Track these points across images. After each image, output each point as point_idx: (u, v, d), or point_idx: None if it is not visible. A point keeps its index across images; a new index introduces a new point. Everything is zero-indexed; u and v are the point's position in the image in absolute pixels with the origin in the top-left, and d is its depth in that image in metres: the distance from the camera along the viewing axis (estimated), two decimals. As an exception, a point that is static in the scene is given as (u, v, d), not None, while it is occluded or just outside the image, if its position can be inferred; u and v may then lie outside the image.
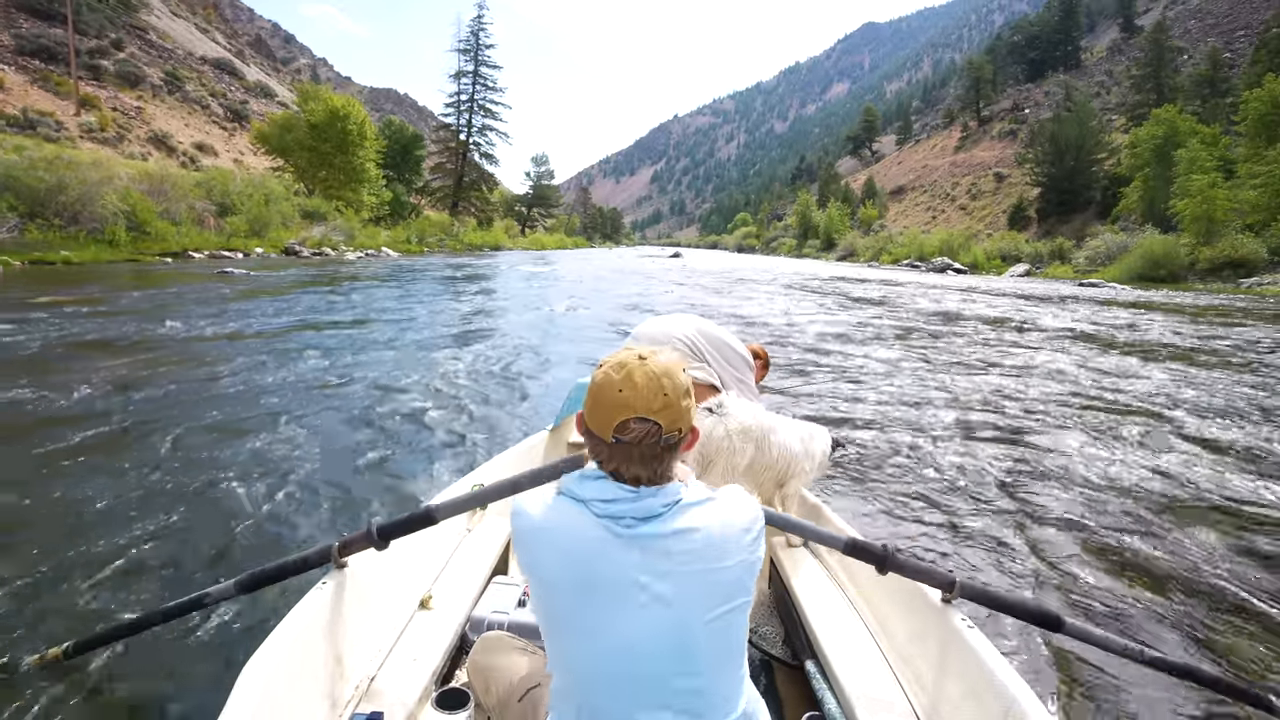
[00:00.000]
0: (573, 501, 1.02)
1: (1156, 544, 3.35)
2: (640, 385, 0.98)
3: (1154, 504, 3.88)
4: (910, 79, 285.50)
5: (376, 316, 10.72)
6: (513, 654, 1.41)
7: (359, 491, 3.67)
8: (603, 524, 0.98)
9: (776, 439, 2.38)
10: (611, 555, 0.97)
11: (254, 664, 1.26)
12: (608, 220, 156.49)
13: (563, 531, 1.00)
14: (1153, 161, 38.46)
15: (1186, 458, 4.76)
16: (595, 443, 1.02)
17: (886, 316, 14.17)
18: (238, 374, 6.14)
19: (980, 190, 69.05)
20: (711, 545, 0.99)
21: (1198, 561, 3.17)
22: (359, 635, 1.61)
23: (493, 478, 2.51)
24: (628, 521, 0.98)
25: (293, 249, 26.40)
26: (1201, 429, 5.53)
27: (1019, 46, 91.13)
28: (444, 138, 62.09)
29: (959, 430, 5.36)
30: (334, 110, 36.93)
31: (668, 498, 1.00)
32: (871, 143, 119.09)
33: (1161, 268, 30.11)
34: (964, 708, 1.44)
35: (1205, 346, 10.45)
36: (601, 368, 1.02)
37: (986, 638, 1.47)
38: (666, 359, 1.02)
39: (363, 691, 1.51)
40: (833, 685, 1.64)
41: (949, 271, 42.33)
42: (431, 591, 1.89)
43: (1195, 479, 4.30)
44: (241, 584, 1.57)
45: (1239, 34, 65.84)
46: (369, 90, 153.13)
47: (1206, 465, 4.59)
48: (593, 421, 1.01)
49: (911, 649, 1.70)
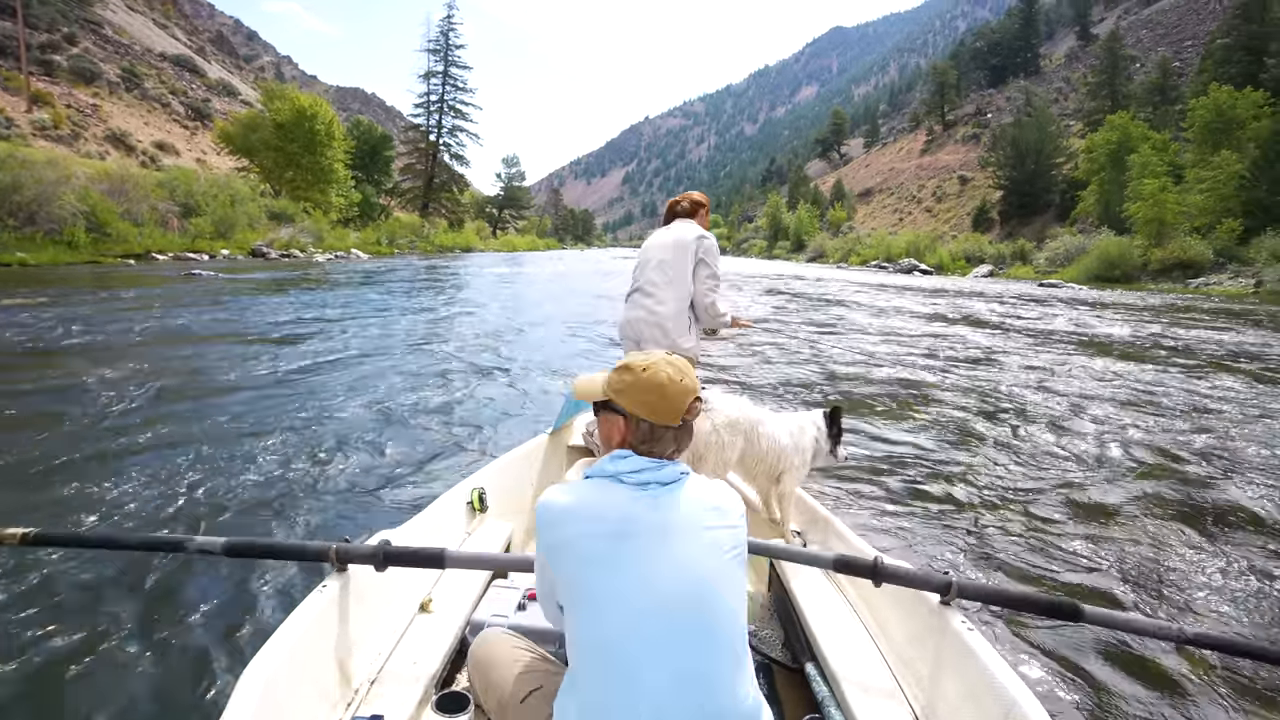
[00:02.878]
0: (604, 478, 1.19)
1: (1132, 515, 3.59)
2: (687, 374, 1.23)
3: (1126, 477, 4.14)
4: (877, 83, 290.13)
5: (353, 319, 10.65)
6: (513, 653, 1.43)
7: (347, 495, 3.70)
8: (633, 491, 1.16)
9: (765, 430, 2.46)
10: (637, 506, 1.15)
11: (255, 666, 1.27)
12: (579, 222, 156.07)
13: (595, 501, 1.16)
14: (1108, 166, 39.84)
15: (1128, 437, 5.06)
16: (662, 431, 1.22)
17: (861, 315, 14.53)
18: (206, 377, 6.10)
19: (945, 193, 70.62)
20: (721, 507, 1.20)
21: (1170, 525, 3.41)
22: (359, 638, 1.62)
23: (493, 480, 2.57)
24: (654, 488, 1.17)
25: (260, 251, 25.89)
26: (1152, 422, 5.87)
27: (981, 52, 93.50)
28: (414, 138, 61.35)
29: (941, 423, 5.60)
30: (301, 109, 36.26)
31: (680, 468, 1.21)
32: (840, 145, 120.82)
33: (1116, 268, 31.26)
34: (963, 709, 1.45)
35: (1162, 344, 10.97)
36: (647, 370, 1.21)
37: (985, 639, 1.49)
38: (666, 356, 1.26)
39: (363, 694, 1.52)
40: (833, 688, 1.66)
41: (916, 272, 43.22)
42: (431, 595, 1.91)
43: (1138, 454, 4.59)
44: (232, 547, 1.60)
45: (1187, 44, 68.50)
46: (335, 89, 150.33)
47: (1145, 445, 4.89)
48: (661, 414, 1.20)
49: (911, 651, 1.71)
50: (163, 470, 3.79)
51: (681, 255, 2.87)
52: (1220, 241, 29.00)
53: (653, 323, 2.82)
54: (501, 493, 2.58)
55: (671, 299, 2.84)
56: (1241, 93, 34.16)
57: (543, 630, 1.72)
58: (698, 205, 3.05)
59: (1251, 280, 25.30)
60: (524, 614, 1.89)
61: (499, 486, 2.58)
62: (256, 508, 3.38)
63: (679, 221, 3.03)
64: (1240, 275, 26.66)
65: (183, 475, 3.73)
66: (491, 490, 2.50)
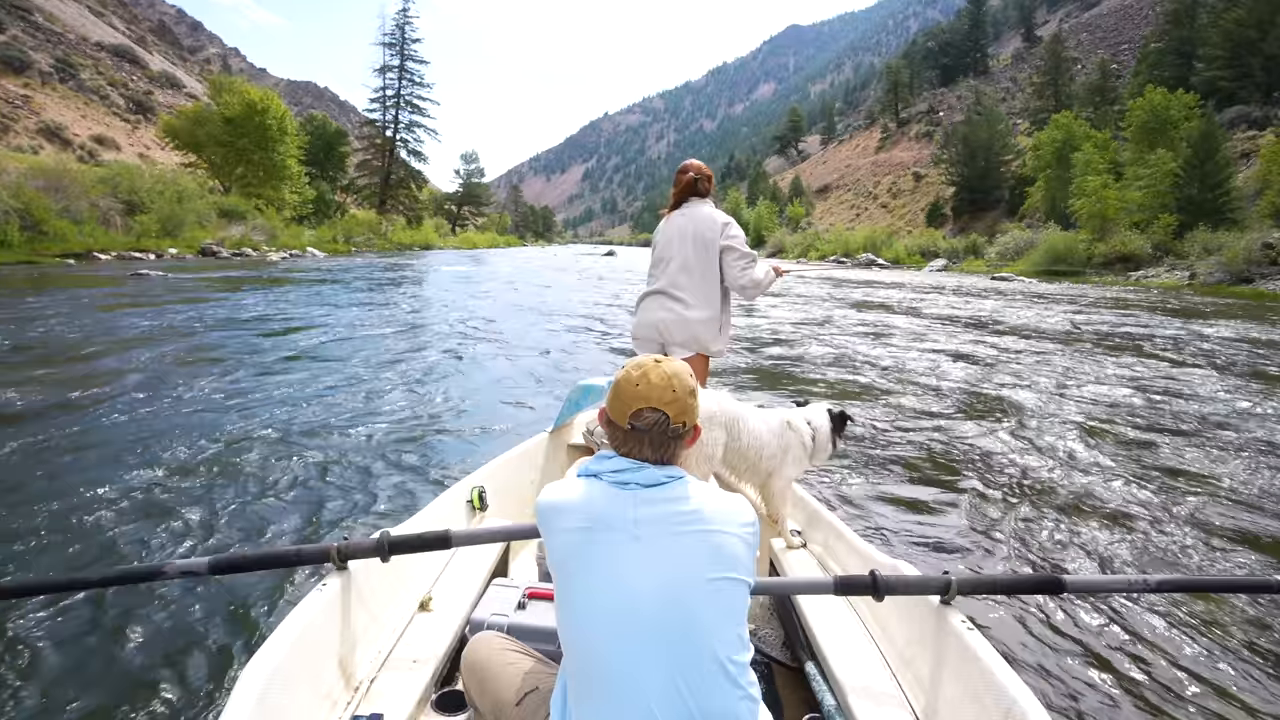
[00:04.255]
0: (588, 477, 1.18)
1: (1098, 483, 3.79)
2: (654, 381, 1.16)
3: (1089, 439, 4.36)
4: (833, 81, 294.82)
5: (321, 320, 10.40)
6: (506, 655, 1.42)
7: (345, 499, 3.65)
8: (611, 488, 1.15)
9: (747, 426, 2.44)
10: (613, 503, 1.12)
11: (254, 665, 1.27)
12: (539, 218, 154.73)
13: (578, 496, 1.16)
14: (1053, 163, 41.42)
15: (1081, 412, 5.33)
16: (614, 429, 1.19)
17: (830, 308, 14.81)
18: (168, 383, 5.91)
19: (900, 189, 72.33)
20: (708, 514, 1.13)
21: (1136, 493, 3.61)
22: (359, 637, 1.62)
23: (494, 478, 2.57)
24: (634, 487, 1.14)
25: (210, 249, 25.01)
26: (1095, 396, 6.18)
27: (933, 52, 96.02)
28: (369, 134, 60.00)
29: (904, 411, 5.78)
30: (251, 103, 35.08)
31: (671, 473, 1.16)
32: (797, 142, 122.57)
33: (1063, 262, 32.53)
34: (964, 709, 1.45)
35: (1112, 333, 11.50)
36: (625, 369, 1.20)
37: (986, 639, 1.50)
38: (677, 365, 1.21)
39: (362, 693, 1.52)
40: (833, 687, 1.66)
41: (874, 267, 44.19)
42: (431, 594, 1.90)
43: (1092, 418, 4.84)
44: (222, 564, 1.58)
45: (1124, 47, 71.61)
46: (286, 83, 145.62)
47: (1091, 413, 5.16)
48: (613, 411, 1.18)
49: (911, 650, 1.71)
50: (141, 491, 3.65)
51: (707, 254, 2.79)
52: (1157, 236, 30.43)
53: (683, 327, 2.79)
54: (501, 491, 2.58)
55: (703, 303, 2.79)
56: (1174, 95, 35.95)
57: (543, 629, 1.73)
58: (711, 180, 2.93)
59: (1186, 273, 26.63)
60: (524, 613, 1.87)
61: (499, 485, 2.57)
62: (249, 519, 3.28)
63: (694, 204, 2.87)
64: (1176, 268, 28.04)
65: (173, 491, 3.61)
66: (491, 489, 2.50)
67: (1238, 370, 8.16)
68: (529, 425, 5.09)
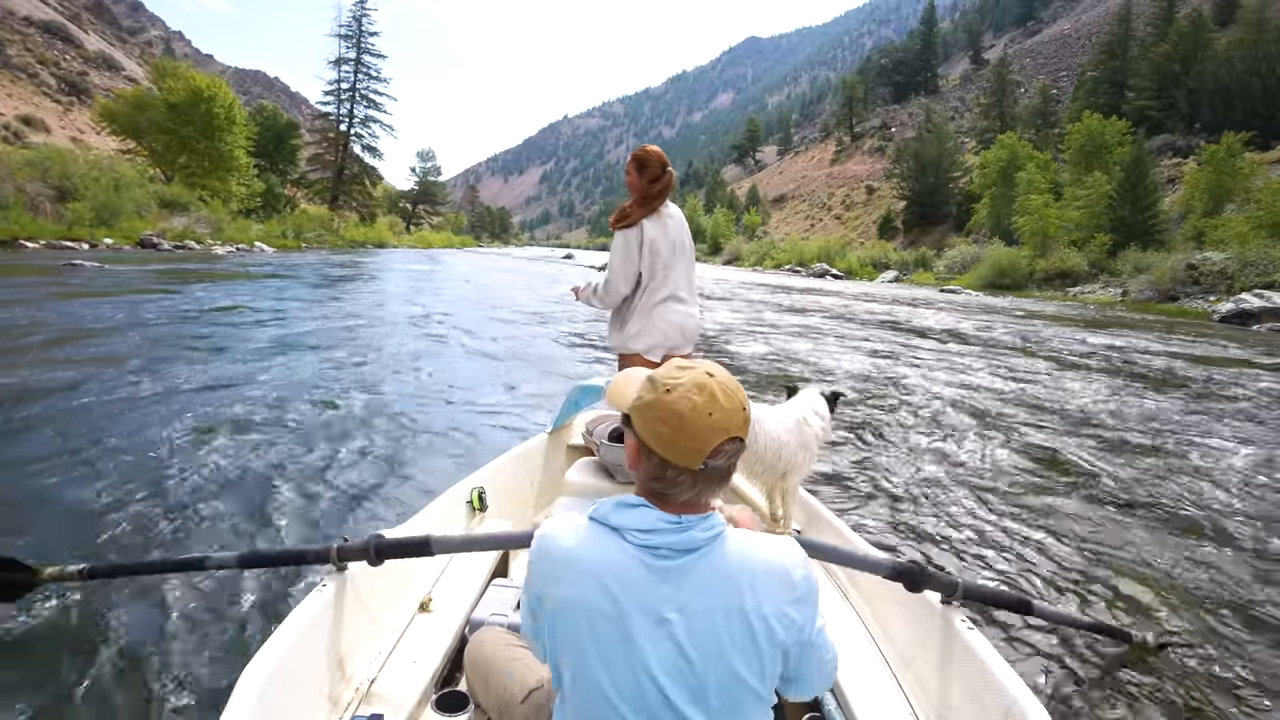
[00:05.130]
0: (605, 529, 0.97)
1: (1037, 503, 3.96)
2: (726, 405, 0.94)
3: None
4: (790, 93, 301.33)
5: (288, 317, 10.02)
6: (510, 650, 1.39)
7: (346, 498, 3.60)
8: (638, 555, 0.94)
9: (764, 429, 2.38)
10: (643, 588, 0.92)
11: (254, 666, 1.27)
12: (496, 220, 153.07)
13: (596, 560, 0.95)
14: (999, 181, 43.27)
15: (1019, 424, 5.58)
16: (676, 473, 0.95)
17: (788, 316, 15.08)
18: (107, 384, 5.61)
19: (853, 201, 74.37)
20: (752, 583, 0.94)
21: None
22: (359, 638, 1.63)
23: (492, 480, 2.55)
24: (665, 553, 0.94)
25: (151, 241, 23.82)
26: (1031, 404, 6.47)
27: (886, 69, 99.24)
28: (323, 127, 58.30)
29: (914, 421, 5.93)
30: (197, 90, 33.61)
31: (710, 529, 0.96)
32: (755, 152, 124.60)
33: (1007, 276, 34.01)
34: (964, 709, 1.45)
35: (1055, 348, 12.05)
36: (673, 392, 0.94)
37: (986, 639, 1.50)
38: (716, 369, 0.99)
39: (363, 694, 1.51)
40: (833, 687, 1.65)
41: (827, 277, 45.24)
42: (431, 594, 1.90)
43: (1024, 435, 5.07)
44: (243, 559, 1.68)
45: (1063, 74, 75.51)
46: (234, 71, 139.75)
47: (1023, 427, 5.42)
48: (677, 453, 0.93)
49: (912, 651, 1.72)
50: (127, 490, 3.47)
51: (691, 255, 2.88)
52: (1093, 254, 32.12)
53: (695, 327, 2.85)
54: (501, 492, 2.58)
55: (697, 305, 2.91)
56: (1109, 121, 38.10)
57: None
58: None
59: (1119, 290, 28.17)
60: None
61: (498, 486, 2.58)
62: (252, 518, 3.25)
63: (670, 204, 2.80)
64: (1110, 285, 29.64)
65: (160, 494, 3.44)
66: (491, 489, 2.50)
67: (1152, 380, 8.66)
68: (527, 425, 5.08)
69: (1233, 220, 28.16)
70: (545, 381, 7.02)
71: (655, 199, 2.70)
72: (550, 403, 5.92)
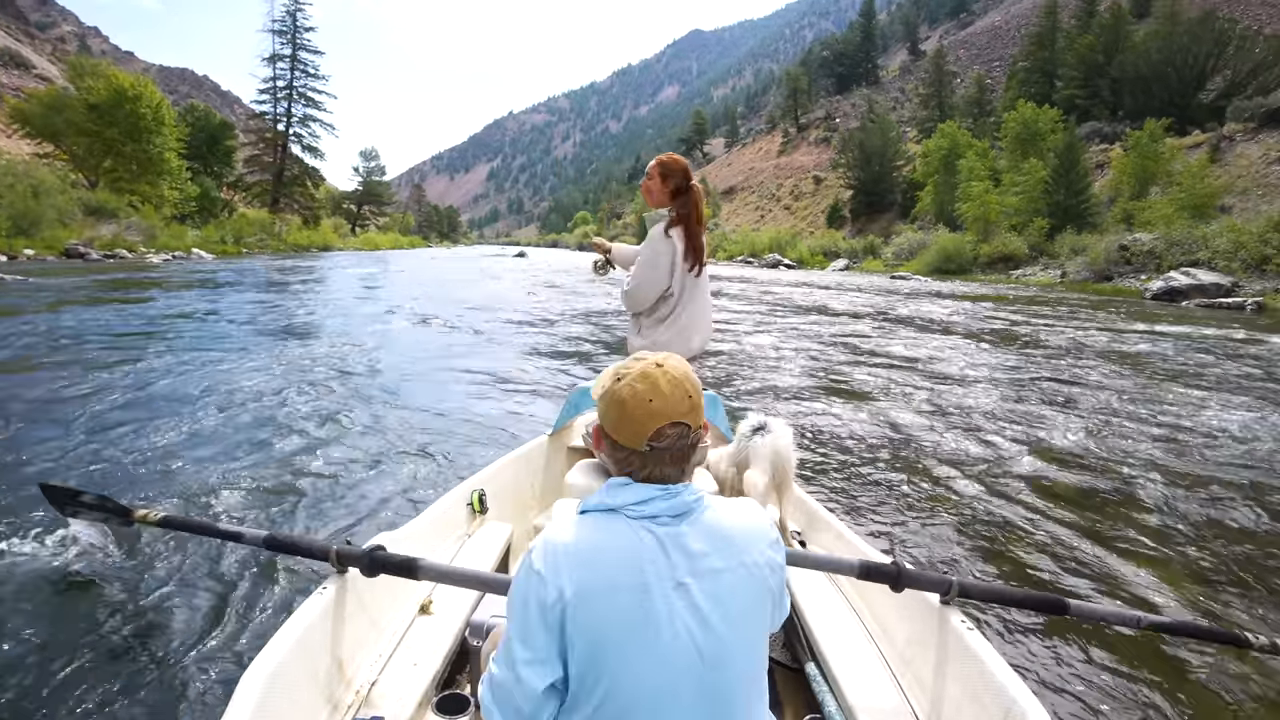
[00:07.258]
0: (603, 513, 1.02)
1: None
2: (668, 393, 1.01)
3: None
4: (735, 85, 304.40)
5: (221, 326, 9.54)
6: None
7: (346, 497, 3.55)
8: (642, 525, 0.99)
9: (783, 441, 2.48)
10: (656, 557, 0.97)
11: (254, 669, 1.26)
12: (444, 219, 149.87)
13: (606, 543, 0.98)
14: (941, 169, 44.69)
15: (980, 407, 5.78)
16: (625, 454, 1.03)
17: (745, 307, 15.23)
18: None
19: (801, 191, 75.64)
20: (741, 538, 1.02)
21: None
22: (359, 640, 1.63)
23: (492, 482, 2.54)
24: (664, 520, 1.00)
25: (77, 251, 22.41)
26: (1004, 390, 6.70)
27: (828, 61, 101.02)
28: (259, 127, 55.88)
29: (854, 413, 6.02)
30: (120, 90, 31.77)
31: (694, 493, 1.04)
32: (702, 145, 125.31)
33: (953, 261, 35.28)
34: (964, 709, 1.46)
35: (1002, 328, 12.50)
36: (621, 380, 1.03)
37: (986, 639, 1.52)
38: (675, 361, 1.07)
39: (363, 696, 1.52)
40: (833, 688, 1.66)
41: (781, 267, 46.01)
42: (431, 596, 1.89)
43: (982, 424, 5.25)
44: (267, 541, 1.75)
45: (996, 64, 78.38)
46: (158, 69, 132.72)
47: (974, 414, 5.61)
48: (622, 434, 1.02)
49: (911, 651, 1.73)
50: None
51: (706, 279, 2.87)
52: (1033, 238, 33.55)
53: (698, 346, 2.81)
54: (501, 494, 2.58)
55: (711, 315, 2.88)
56: (1041, 109, 39.75)
57: None
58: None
59: (1059, 272, 29.47)
60: None
61: (499, 488, 2.57)
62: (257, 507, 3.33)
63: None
64: (1050, 267, 31.00)
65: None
66: (491, 491, 2.49)
67: (1091, 356, 9.10)
68: (526, 427, 5.11)
69: (1157, 202, 29.80)
70: (543, 382, 7.00)
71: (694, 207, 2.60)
72: (550, 403, 5.96)
